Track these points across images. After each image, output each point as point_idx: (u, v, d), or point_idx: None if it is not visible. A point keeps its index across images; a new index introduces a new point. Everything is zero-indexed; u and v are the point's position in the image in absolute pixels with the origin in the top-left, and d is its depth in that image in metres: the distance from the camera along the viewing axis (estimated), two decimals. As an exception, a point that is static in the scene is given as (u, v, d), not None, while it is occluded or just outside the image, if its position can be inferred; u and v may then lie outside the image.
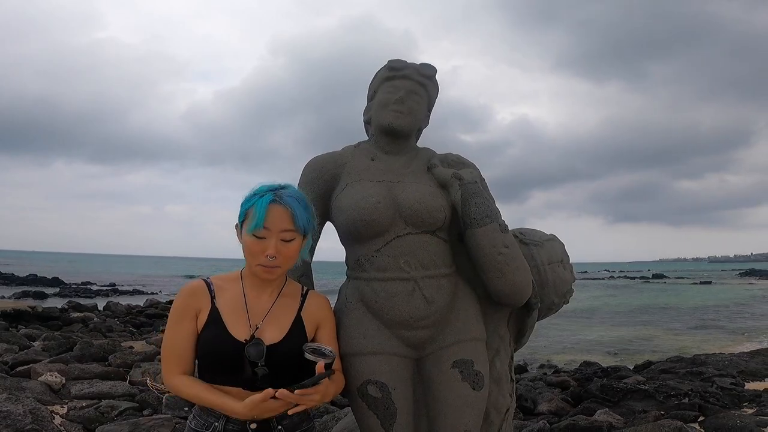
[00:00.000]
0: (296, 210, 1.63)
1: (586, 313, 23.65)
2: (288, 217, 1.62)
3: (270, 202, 1.61)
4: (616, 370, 9.51)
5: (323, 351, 1.62)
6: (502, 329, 2.14)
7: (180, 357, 1.65)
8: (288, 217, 1.62)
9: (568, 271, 2.25)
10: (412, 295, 1.90)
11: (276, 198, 1.62)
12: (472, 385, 1.91)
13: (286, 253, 1.64)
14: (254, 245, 1.62)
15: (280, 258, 1.62)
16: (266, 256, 1.61)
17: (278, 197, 1.62)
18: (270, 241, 1.61)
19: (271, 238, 1.61)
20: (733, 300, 32.25)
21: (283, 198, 1.63)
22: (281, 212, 1.61)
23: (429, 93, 2.18)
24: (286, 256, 1.64)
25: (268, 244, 1.61)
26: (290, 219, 1.62)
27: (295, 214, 1.62)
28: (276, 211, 1.61)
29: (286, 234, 1.62)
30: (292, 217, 1.62)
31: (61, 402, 5.77)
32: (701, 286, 51.77)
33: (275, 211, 1.61)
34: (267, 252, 1.61)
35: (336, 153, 2.16)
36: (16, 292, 27.29)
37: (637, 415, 6.07)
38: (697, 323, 21.14)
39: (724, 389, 7.16)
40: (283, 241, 1.62)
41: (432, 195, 1.99)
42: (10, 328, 11.84)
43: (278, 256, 1.62)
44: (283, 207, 1.62)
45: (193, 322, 1.66)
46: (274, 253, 1.61)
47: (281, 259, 1.63)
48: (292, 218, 1.62)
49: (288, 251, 1.64)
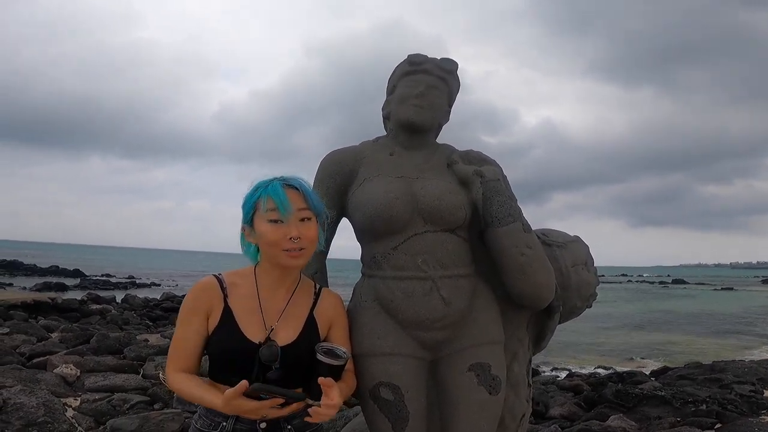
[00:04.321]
0: (307, 190, 1.61)
1: (602, 317, 23.40)
2: (301, 197, 1.59)
3: (280, 187, 1.58)
4: (632, 375, 9.38)
5: (336, 352, 1.58)
6: (521, 332, 2.08)
7: (183, 355, 1.61)
8: (301, 198, 1.59)
9: (592, 274, 2.18)
10: (429, 295, 1.84)
11: (283, 183, 1.60)
12: (488, 390, 1.85)
13: (308, 235, 1.59)
14: (274, 232, 1.57)
15: (303, 240, 1.58)
16: (290, 238, 1.56)
17: (285, 181, 1.60)
18: (290, 224, 1.57)
19: (289, 221, 1.57)
20: (756, 307, 31.73)
21: (290, 181, 1.61)
22: (293, 193, 1.59)
23: (450, 88, 2.12)
24: (308, 238, 1.59)
25: (289, 228, 1.56)
26: (303, 199, 1.59)
27: (308, 193, 1.61)
28: (288, 194, 1.58)
29: (303, 213, 1.59)
30: (305, 196, 1.60)
31: (74, 394, 5.82)
32: (723, 292, 51.02)
33: (288, 194, 1.58)
34: (290, 234, 1.56)
35: (354, 147, 2.11)
36: (38, 284, 27.73)
37: (652, 422, 5.96)
38: (718, 329, 20.82)
39: (743, 396, 7.03)
40: (302, 222, 1.59)
41: (452, 192, 1.92)
42: (30, 319, 12.02)
43: (302, 237, 1.57)
44: (293, 189, 1.60)
45: (203, 320, 1.62)
46: (297, 234, 1.56)
47: (305, 240, 1.58)
48: (305, 198, 1.60)
49: (309, 232, 1.60)
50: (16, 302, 13.60)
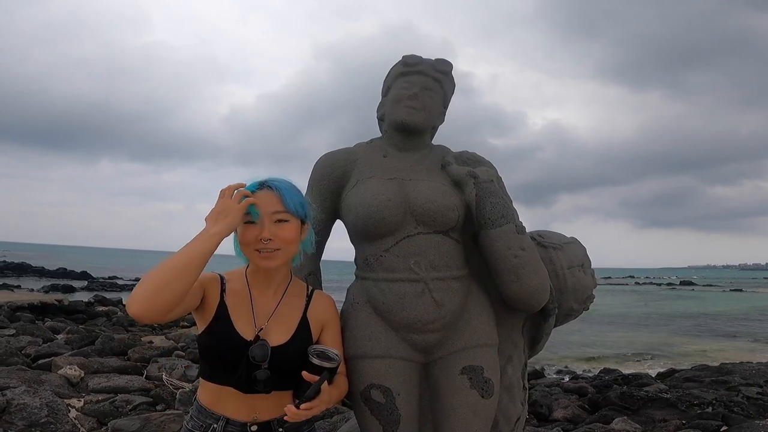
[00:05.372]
0: (284, 192, 1.60)
1: (608, 318, 23.29)
2: (276, 198, 1.59)
3: (255, 190, 1.59)
4: (637, 377, 9.31)
5: (329, 354, 1.57)
6: (515, 335, 2.06)
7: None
8: (276, 199, 1.59)
9: (589, 276, 2.15)
10: (422, 297, 1.83)
11: (260, 185, 1.60)
12: (480, 393, 1.84)
13: (283, 236, 1.58)
14: (247, 233, 1.58)
15: (277, 241, 1.57)
16: (261, 239, 1.56)
17: (263, 184, 1.61)
18: (262, 225, 1.57)
19: (263, 222, 1.57)
20: (765, 308, 31.50)
21: (269, 183, 1.61)
22: (269, 195, 1.59)
23: (444, 89, 2.10)
24: (283, 239, 1.59)
25: (260, 229, 1.57)
26: (279, 201, 1.59)
27: (284, 195, 1.59)
28: (263, 195, 1.59)
29: (279, 215, 1.58)
30: (281, 198, 1.59)
31: (78, 395, 5.84)
32: (731, 293, 50.67)
33: (262, 196, 1.59)
34: (261, 235, 1.56)
35: (348, 149, 2.10)
36: (45, 286, 27.89)
37: (656, 425, 5.92)
38: (726, 331, 20.67)
39: (750, 399, 6.95)
40: (277, 223, 1.58)
41: (445, 193, 1.91)
42: (36, 320, 12.08)
43: (274, 238, 1.57)
44: (269, 191, 1.59)
45: (199, 291, 1.59)
46: (268, 236, 1.56)
47: (278, 241, 1.58)
48: (281, 200, 1.59)
49: (284, 233, 1.59)
50: (23, 304, 13.69)
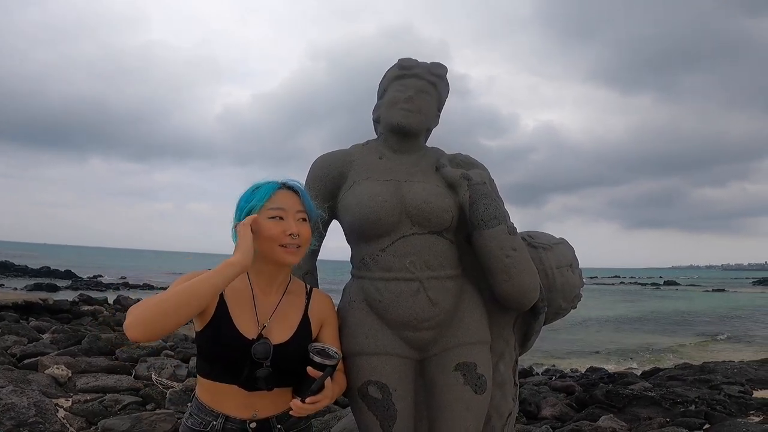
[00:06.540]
0: (302, 193, 1.69)
1: (594, 318, 23.48)
2: (297, 198, 1.67)
3: (278, 188, 1.66)
4: (622, 376, 9.45)
5: (329, 352, 1.60)
6: (507, 333, 2.11)
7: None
8: (298, 199, 1.67)
9: (576, 276, 2.21)
10: (417, 296, 1.87)
11: (282, 185, 1.68)
12: (473, 389, 1.88)
13: (305, 234, 1.66)
14: (273, 227, 1.61)
15: (300, 238, 1.64)
16: (289, 234, 1.61)
17: (284, 184, 1.68)
18: (288, 221, 1.62)
19: (288, 218, 1.63)
20: (746, 308, 31.93)
21: (289, 183, 1.69)
22: (291, 195, 1.67)
23: (439, 92, 2.15)
24: (304, 237, 1.66)
25: (287, 224, 1.62)
26: (300, 201, 1.67)
27: (304, 196, 1.69)
28: (287, 194, 1.66)
29: (301, 213, 1.66)
30: (302, 199, 1.68)
31: (66, 395, 5.79)
32: (714, 293, 51.27)
33: (287, 194, 1.66)
34: (290, 230, 1.61)
35: (344, 151, 2.14)
36: (29, 285, 27.52)
37: (641, 422, 6.01)
38: (708, 330, 20.94)
39: (732, 397, 7.08)
40: (299, 221, 1.65)
41: (439, 195, 1.96)
42: (21, 320, 11.93)
43: (299, 235, 1.63)
44: (291, 191, 1.68)
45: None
46: (296, 231, 1.62)
47: (301, 239, 1.64)
48: (302, 200, 1.68)
49: (305, 232, 1.66)
50: (7, 303, 13.51)
